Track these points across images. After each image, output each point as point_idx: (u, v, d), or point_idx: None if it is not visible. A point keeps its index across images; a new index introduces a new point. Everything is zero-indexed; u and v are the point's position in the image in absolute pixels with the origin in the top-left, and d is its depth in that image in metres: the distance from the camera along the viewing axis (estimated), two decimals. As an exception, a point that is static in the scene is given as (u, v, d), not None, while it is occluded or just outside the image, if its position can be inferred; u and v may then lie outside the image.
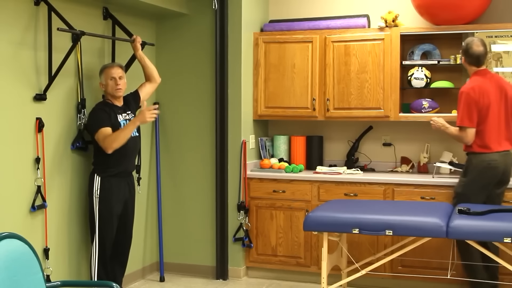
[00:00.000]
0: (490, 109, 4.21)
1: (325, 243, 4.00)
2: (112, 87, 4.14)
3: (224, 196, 5.07)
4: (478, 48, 4.26)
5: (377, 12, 5.08)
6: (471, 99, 4.19)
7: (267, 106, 5.22)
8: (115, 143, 3.98)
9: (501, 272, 4.25)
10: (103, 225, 4.08)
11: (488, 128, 4.22)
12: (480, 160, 4.23)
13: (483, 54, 4.28)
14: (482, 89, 4.21)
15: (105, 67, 4.18)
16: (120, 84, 4.15)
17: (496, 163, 4.20)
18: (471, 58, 4.29)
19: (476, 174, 4.23)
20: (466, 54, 4.30)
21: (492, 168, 4.20)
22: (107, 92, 4.17)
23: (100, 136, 4.00)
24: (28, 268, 2.55)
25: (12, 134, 3.70)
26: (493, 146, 4.22)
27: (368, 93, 4.92)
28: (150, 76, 4.52)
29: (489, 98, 4.21)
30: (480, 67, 4.31)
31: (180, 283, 5.00)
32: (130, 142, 4.14)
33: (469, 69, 4.36)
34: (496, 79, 4.33)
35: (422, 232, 3.73)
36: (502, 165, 4.23)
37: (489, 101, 4.20)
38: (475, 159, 4.26)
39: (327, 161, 5.40)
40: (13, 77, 3.70)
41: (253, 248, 5.07)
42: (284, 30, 5.19)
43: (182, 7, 5.04)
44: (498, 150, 4.22)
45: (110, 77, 4.13)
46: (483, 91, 4.21)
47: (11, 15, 3.67)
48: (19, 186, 3.76)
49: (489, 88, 4.24)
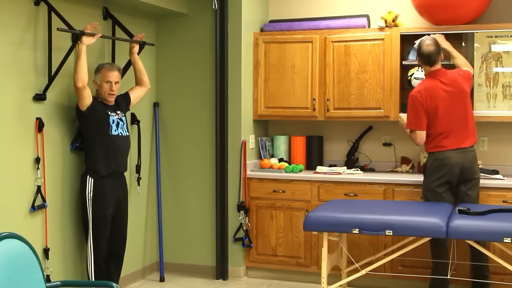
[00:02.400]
0: (439, 110, 4.24)
1: (325, 243, 4.00)
2: (106, 91, 4.11)
3: (224, 196, 5.06)
4: (428, 48, 4.28)
5: (377, 12, 5.08)
6: (418, 103, 4.26)
7: (267, 106, 5.22)
8: (76, 74, 3.84)
9: (501, 272, 4.25)
10: (97, 227, 4.07)
11: (440, 129, 4.26)
12: (434, 159, 4.28)
13: (434, 53, 4.28)
14: (430, 92, 4.26)
15: (103, 67, 4.14)
16: (114, 90, 4.13)
17: (450, 160, 4.21)
18: (422, 58, 4.33)
19: (431, 173, 4.28)
20: (418, 54, 4.36)
21: (446, 165, 4.22)
22: (99, 93, 4.15)
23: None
24: (28, 268, 2.55)
25: (12, 134, 3.70)
26: (447, 144, 4.25)
27: (368, 93, 4.92)
28: (141, 80, 4.50)
29: (437, 100, 4.24)
30: (433, 67, 4.33)
31: (180, 283, 5.00)
32: (119, 141, 4.14)
33: (424, 69, 4.41)
34: (451, 77, 4.33)
35: (422, 232, 3.73)
36: (459, 162, 4.22)
37: (437, 103, 4.24)
38: (430, 159, 4.32)
39: (327, 161, 5.40)
40: (13, 77, 3.70)
41: (253, 248, 5.07)
42: (284, 30, 5.19)
43: (182, 7, 5.04)
44: (453, 148, 4.24)
45: (107, 81, 4.10)
46: (431, 94, 4.25)
47: (11, 15, 3.67)
48: (19, 186, 3.76)
49: (438, 90, 4.26)
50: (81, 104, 3.96)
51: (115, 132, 4.13)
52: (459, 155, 4.23)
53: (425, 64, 4.35)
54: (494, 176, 4.53)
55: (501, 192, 4.41)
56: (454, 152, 4.23)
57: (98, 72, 4.13)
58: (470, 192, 4.27)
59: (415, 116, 4.29)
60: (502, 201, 4.38)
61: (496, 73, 4.65)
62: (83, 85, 3.88)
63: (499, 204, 4.33)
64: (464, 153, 4.24)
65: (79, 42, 3.87)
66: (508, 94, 4.63)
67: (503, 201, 4.38)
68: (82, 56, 3.86)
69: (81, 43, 3.87)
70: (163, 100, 5.26)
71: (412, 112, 4.31)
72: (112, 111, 4.15)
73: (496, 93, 4.65)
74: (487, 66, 4.66)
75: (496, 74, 4.65)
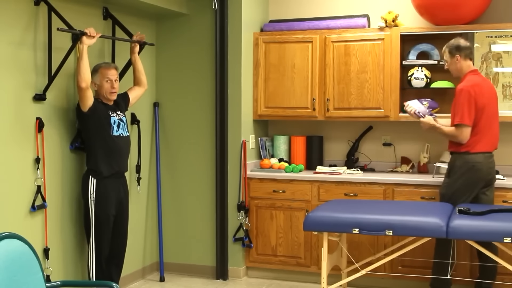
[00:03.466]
0: (485, 110, 4.19)
1: (325, 243, 4.00)
2: (107, 90, 4.10)
3: (224, 196, 5.07)
4: (467, 42, 4.26)
5: (377, 12, 5.08)
6: (472, 98, 4.13)
7: (267, 106, 5.23)
8: (79, 75, 3.83)
9: (501, 272, 4.25)
10: (100, 228, 4.07)
11: (478, 130, 4.18)
12: (464, 162, 4.18)
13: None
14: (480, 88, 4.19)
15: (100, 67, 4.12)
16: (116, 87, 4.13)
17: (480, 165, 4.16)
18: (466, 50, 4.21)
19: (460, 176, 4.20)
20: (460, 48, 4.22)
21: (477, 170, 4.16)
22: (99, 93, 4.12)
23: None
24: (28, 268, 2.55)
25: (12, 134, 3.70)
26: (480, 147, 4.18)
27: (368, 93, 4.93)
28: (139, 80, 4.50)
29: (484, 99, 4.18)
30: (472, 63, 4.30)
31: (180, 283, 5.00)
32: (120, 141, 4.14)
33: (463, 65, 4.24)
34: (488, 81, 4.33)
35: (422, 232, 3.73)
36: (486, 167, 4.19)
37: (484, 102, 4.17)
38: (459, 160, 4.21)
39: (327, 161, 5.40)
40: (13, 77, 3.70)
41: (253, 248, 5.07)
42: (284, 30, 5.19)
43: (182, 7, 5.04)
44: (485, 151, 4.19)
45: (107, 79, 4.08)
46: (481, 91, 4.18)
47: (11, 15, 3.67)
48: (19, 186, 3.76)
49: (485, 88, 4.23)
50: (83, 105, 3.95)
51: (116, 133, 4.12)
52: (486, 160, 4.19)
53: (467, 58, 4.24)
54: (494, 176, 4.53)
55: (501, 192, 4.40)
56: (483, 157, 4.18)
57: (96, 72, 4.10)
58: (489, 192, 4.27)
59: (469, 111, 4.13)
60: (502, 201, 4.38)
61: (496, 73, 4.65)
62: (87, 86, 3.87)
63: (499, 204, 4.33)
64: (489, 158, 4.23)
65: (80, 42, 3.87)
66: (508, 94, 4.64)
67: (503, 201, 4.38)
68: (84, 56, 3.85)
69: (82, 44, 3.87)
70: (163, 100, 5.26)
71: (466, 106, 4.12)
72: (112, 111, 4.15)
73: (496, 93, 4.65)
74: (487, 66, 4.66)
75: (496, 74, 4.66)
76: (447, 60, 4.30)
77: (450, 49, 4.26)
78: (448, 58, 4.28)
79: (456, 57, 4.25)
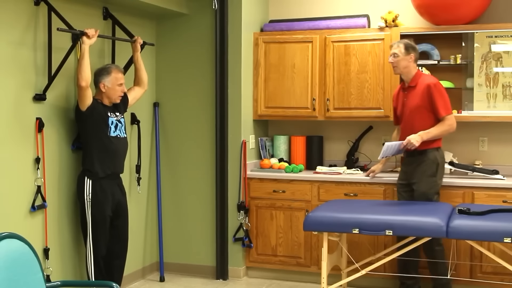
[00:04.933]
0: None
1: (325, 243, 4.00)
2: (117, 93, 4.12)
3: (224, 196, 5.07)
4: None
5: (377, 12, 5.09)
6: (443, 88, 4.33)
7: (267, 106, 5.23)
8: (79, 74, 3.84)
9: (501, 272, 4.25)
10: (96, 228, 4.05)
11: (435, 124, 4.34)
12: (441, 156, 4.37)
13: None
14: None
15: (112, 70, 4.11)
16: (124, 90, 4.20)
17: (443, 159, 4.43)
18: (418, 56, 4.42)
19: (441, 171, 4.36)
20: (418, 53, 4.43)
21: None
22: (107, 94, 4.11)
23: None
24: (28, 268, 2.55)
25: (12, 134, 3.70)
26: (439, 142, 4.39)
27: (368, 93, 4.93)
28: (140, 80, 4.50)
29: None
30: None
31: (180, 283, 5.00)
32: (117, 142, 4.13)
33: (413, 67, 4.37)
34: None
35: (422, 232, 3.73)
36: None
37: None
38: (439, 156, 4.35)
39: (327, 161, 5.40)
40: (13, 77, 3.70)
41: (253, 248, 5.07)
42: (284, 30, 5.20)
43: (182, 7, 5.04)
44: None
45: (119, 83, 4.11)
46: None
47: (11, 15, 3.67)
48: (19, 186, 3.76)
49: None
50: (82, 104, 3.95)
51: (113, 133, 4.12)
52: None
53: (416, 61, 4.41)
54: (494, 176, 4.54)
55: (501, 192, 4.41)
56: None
57: (108, 75, 4.08)
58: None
59: (448, 100, 4.31)
60: (502, 201, 4.38)
61: (496, 73, 4.65)
62: (87, 85, 3.88)
63: (499, 204, 4.33)
64: None
65: (82, 42, 3.88)
66: (508, 94, 4.64)
67: (503, 201, 4.38)
68: (86, 56, 3.86)
69: (84, 44, 3.88)
70: (163, 100, 5.26)
71: (445, 97, 4.29)
72: (111, 112, 4.15)
73: (496, 93, 4.65)
74: (487, 66, 4.66)
75: (496, 74, 4.66)
76: (398, 54, 4.33)
77: (406, 45, 4.35)
78: (402, 54, 4.33)
79: (410, 56, 4.34)
